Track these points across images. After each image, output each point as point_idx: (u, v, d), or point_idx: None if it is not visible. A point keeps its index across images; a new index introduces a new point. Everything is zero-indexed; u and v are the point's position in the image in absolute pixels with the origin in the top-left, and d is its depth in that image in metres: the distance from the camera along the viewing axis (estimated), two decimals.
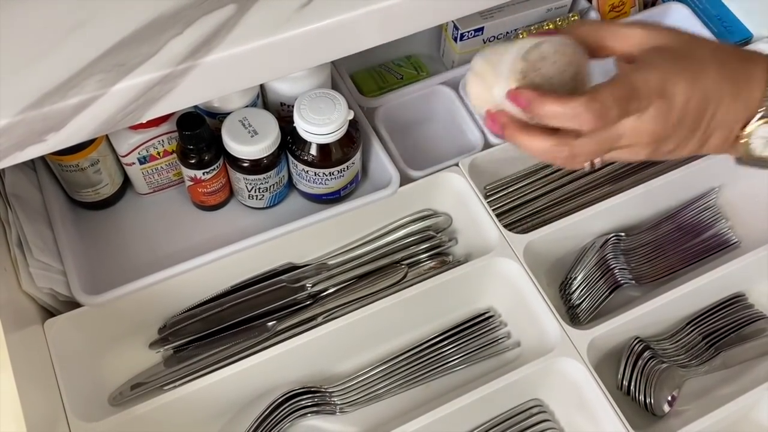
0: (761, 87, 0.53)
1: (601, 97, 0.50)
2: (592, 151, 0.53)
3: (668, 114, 0.52)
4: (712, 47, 0.54)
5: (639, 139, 0.53)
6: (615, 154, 0.55)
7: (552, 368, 0.68)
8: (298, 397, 0.69)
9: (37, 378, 0.60)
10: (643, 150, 0.54)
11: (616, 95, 0.50)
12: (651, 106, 0.51)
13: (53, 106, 0.48)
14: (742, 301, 0.79)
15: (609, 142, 0.53)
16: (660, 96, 0.51)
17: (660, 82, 0.51)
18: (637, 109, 0.51)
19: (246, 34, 0.52)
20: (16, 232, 0.65)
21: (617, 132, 0.52)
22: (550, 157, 0.54)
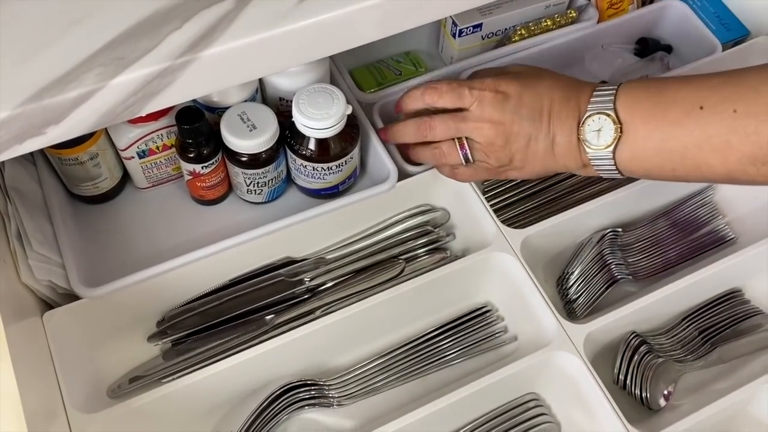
0: (587, 95, 0.65)
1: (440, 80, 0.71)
2: (445, 127, 0.68)
3: (503, 104, 0.65)
4: (548, 71, 0.69)
5: (482, 124, 0.66)
6: (472, 143, 0.68)
7: (548, 362, 0.69)
8: (295, 390, 0.69)
9: (36, 370, 0.60)
10: (493, 137, 0.66)
11: (450, 80, 0.71)
12: (487, 97, 0.66)
13: (52, 99, 0.48)
14: (739, 296, 0.79)
15: (456, 120, 0.68)
16: (494, 90, 0.66)
17: (493, 82, 0.67)
18: (470, 95, 0.67)
19: (245, 28, 0.52)
20: (15, 225, 0.65)
21: (463, 117, 0.67)
22: (415, 133, 0.71)
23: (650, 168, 0.64)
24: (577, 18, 0.90)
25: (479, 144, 0.67)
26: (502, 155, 0.67)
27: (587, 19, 0.90)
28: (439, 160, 0.71)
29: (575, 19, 0.90)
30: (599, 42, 0.92)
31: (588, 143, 0.64)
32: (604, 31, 0.91)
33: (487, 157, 0.68)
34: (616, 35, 0.92)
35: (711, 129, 0.59)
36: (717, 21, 0.92)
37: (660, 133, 0.61)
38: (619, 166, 0.64)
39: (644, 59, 0.90)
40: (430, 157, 0.72)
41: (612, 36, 0.92)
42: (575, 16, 0.89)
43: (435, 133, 0.69)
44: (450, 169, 0.72)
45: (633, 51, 0.93)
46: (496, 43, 0.90)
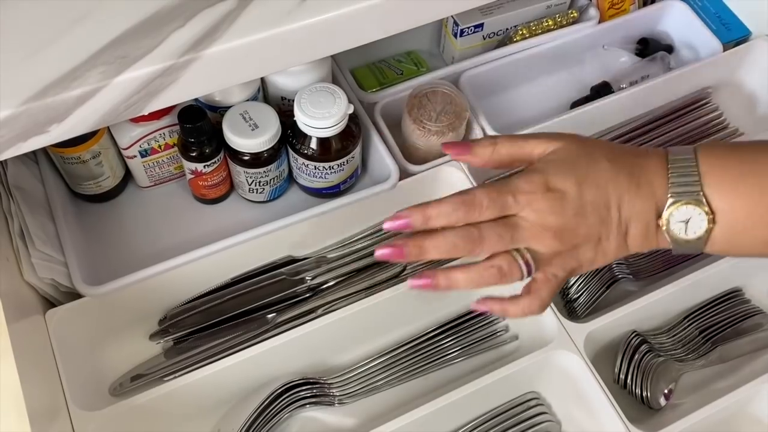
0: (661, 175, 0.54)
1: (472, 189, 0.55)
2: (497, 238, 0.53)
3: (563, 205, 0.53)
4: (603, 147, 0.57)
5: (543, 233, 0.53)
6: (533, 254, 0.55)
7: (549, 361, 0.69)
8: (297, 389, 0.69)
9: (39, 367, 0.60)
10: (558, 245, 0.54)
11: (487, 189, 0.54)
12: (539, 201, 0.53)
13: (56, 97, 0.48)
14: (739, 296, 0.79)
15: (509, 229, 0.53)
16: (545, 189, 0.54)
17: (542, 179, 0.54)
18: (516, 203, 0.53)
19: (247, 27, 0.52)
20: (18, 223, 0.65)
21: (515, 225, 0.54)
22: (460, 249, 0.54)
23: (746, 250, 0.56)
24: (578, 18, 0.90)
25: (541, 254, 0.54)
26: (569, 262, 0.55)
27: (588, 19, 0.90)
28: (494, 280, 0.55)
29: (576, 19, 0.90)
30: (600, 42, 0.92)
31: (674, 235, 0.54)
32: (605, 31, 0.91)
33: (550, 268, 0.55)
34: (617, 35, 0.92)
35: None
36: (718, 21, 0.92)
37: (760, 212, 0.53)
38: (708, 251, 0.56)
39: (645, 59, 0.91)
40: (477, 280, 0.55)
41: (613, 36, 0.92)
42: (576, 16, 0.90)
43: (484, 246, 0.54)
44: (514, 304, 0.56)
45: (634, 51, 0.93)
46: (497, 42, 0.90)
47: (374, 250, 0.54)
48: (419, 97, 0.79)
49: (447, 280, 0.55)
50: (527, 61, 0.88)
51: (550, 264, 0.55)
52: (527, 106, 0.91)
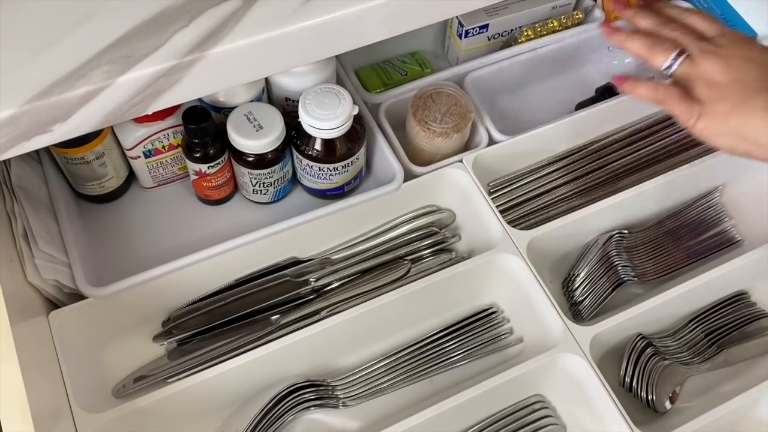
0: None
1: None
2: (686, 32, 0.60)
3: (750, 48, 0.59)
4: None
5: (723, 52, 0.59)
6: (693, 66, 0.59)
7: (554, 364, 0.68)
8: (301, 391, 0.69)
9: (42, 369, 0.60)
10: (725, 70, 0.58)
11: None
12: (739, 39, 0.60)
13: (60, 97, 0.48)
14: (745, 299, 0.79)
15: (699, 37, 0.60)
16: (747, 44, 0.59)
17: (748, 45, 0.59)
18: (720, 29, 0.61)
19: (252, 27, 0.52)
20: (22, 224, 0.65)
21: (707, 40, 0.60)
22: (654, 22, 0.62)
23: None
24: (583, 19, 0.90)
25: (700, 70, 0.59)
26: (714, 91, 0.58)
27: (593, 20, 0.90)
28: (649, 50, 0.61)
29: (581, 20, 0.90)
30: (605, 44, 0.91)
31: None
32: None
33: (695, 85, 0.59)
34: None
35: None
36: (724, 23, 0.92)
37: None
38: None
39: None
40: (639, 43, 0.62)
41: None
42: (582, 17, 0.89)
43: (673, 31, 0.61)
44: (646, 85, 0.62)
45: None
46: (502, 43, 0.90)
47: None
48: (424, 98, 0.79)
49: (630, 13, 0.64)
50: (532, 63, 0.88)
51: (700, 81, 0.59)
52: (532, 107, 0.90)
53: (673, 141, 0.86)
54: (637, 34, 0.62)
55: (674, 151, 0.86)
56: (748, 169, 0.84)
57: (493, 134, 0.80)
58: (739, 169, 0.84)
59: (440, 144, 0.77)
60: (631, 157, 0.84)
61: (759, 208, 0.84)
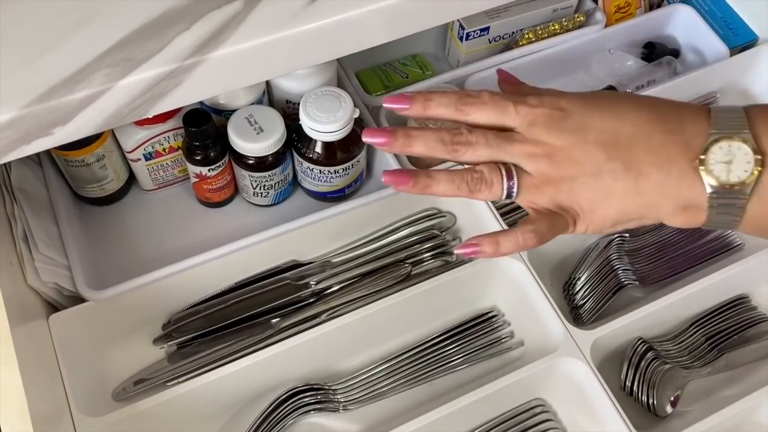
0: (700, 120, 0.48)
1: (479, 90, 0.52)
2: (485, 144, 0.50)
3: (563, 123, 0.49)
4: (627, 94, 0.53)
5: (534, 148, 0.50)
6: (521, 175, 0.50)
7: (555, 368, 0.68)
8: (301, 395, 0.69)
9: (42, 372, 0.60)
10: (549, 166, 0.49)
11: (493, 92, 0.52)
12: (541, 114, 0.50)
13: (60, 100, 0.48)
14: (746, 303, 0.79)
15: (501, 139, 0.50)
16: (552, 107, 0.50)
17: (551, 98, 0.51)
18: (516, 112, 0.50)
19: (253, 30, 0.52)
20: (21, 227, 0.65)
21: (509, 136, 0.50)
22: (442, 146, 0.51)
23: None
24: (584, 22, 0.90)
25: (530, 177, 0.50)
26: (561, 195, 0.50)
27: (595, 23, 0.90)
28: (473, 189, 0.51)
29: (583, 23, 0.89)
30: (606, 46, 0.91)
31: (713, 177, 0.46)
32: (612, 35, 0.90)
33: (538, 196, 0.50)
34: (624, 39, 0.92)
35: None
36: (725, 26, 0.92)
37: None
38: (749, 213, 0.47)
39: (651, 64, 0.90)
40: (456, 186, 0.51)
41: (619, 40, 0.92)
42: (583, 20, 0.89)
43: (472, 151, 0.50)
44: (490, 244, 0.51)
45: (640, 55, 0.93)
46: (503, 46, 0.90)
47: (363, 134, 0.52)
48: None
49: (427, 178, 0.52)
50: (533, 65, 0.87)
51: (539, 190, 0.50)
52: None
53: None
54: (436, 177, 0.52)
55: None
56: None
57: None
58: None
59: None
60: None
61: None
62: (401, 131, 0.52)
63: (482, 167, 0.51)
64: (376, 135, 0.52)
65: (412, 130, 0.52)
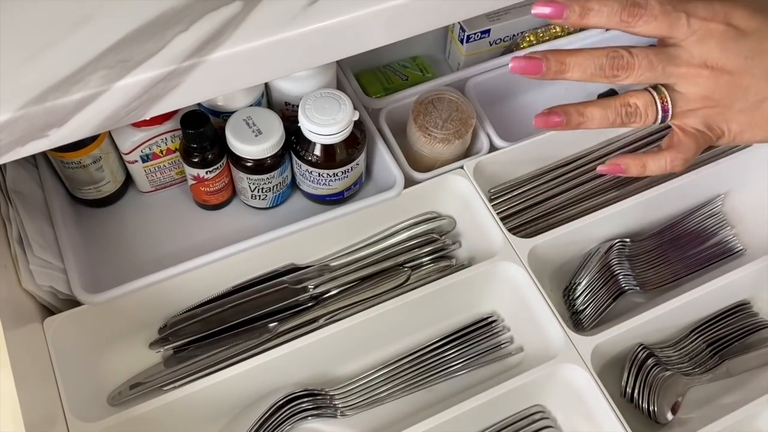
0: None
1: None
2: (648, 66, 0.49)
3: (736, 44, 0.47)
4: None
5: (701, 70, 0.48)
6: (677, 96, 0.49)
7: (555, 374, 0.68)
8: (299, 400, 0.68)
9: (36, 376, 0.59)
10: (713, 89, 0.48)
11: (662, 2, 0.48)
12: (714, 31, 0.48)
13: (56, 102, 0.48)
14: (747, 309, 0.78)
15: (664, 59, 0.49)
16: (725, 22, 0.48)
17: (724, 10, 0.48)
18: (688, 25, 0.48)
19: (252, 32, 0.52)
20: (16, 229, 0.64)
21: (674, 55, 0.48)
22: (600, 69, 0.50)
23: None
24: None
25: (686, 100, 0.49)
26: (716, 119, 0.49)
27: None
28: (627, 122, 0.51)
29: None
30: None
31: None
32: (613, 38, 0.90)
33: (691, 118, 0.50)
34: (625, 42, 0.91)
35: None
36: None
37: None
38: None
39: None
40: (611, 118, 0.51)
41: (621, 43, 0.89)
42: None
43: (634, 76, 0.49)
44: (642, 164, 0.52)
45: None
46: (504, 49, 0.89)
47: (510, 62, 0.50)
48: (425, 104, 0.78)
49: (580, 115, 0.51)
50: None
51: (694, 113, 0.49)
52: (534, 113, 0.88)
53: None
54: (589, 106, 0.52)
55: None
56: (750, 179, 0.84)
57: (494, 140, 0.80)
58: (741, 178, 0.83)
59: (441, 150, 0.77)
60: None
61: (761, 218, 0.83)
62: (554, 56, 0.50)
63: (636, 100, 0.50)
64: (530, 65, 0.50)
65: (568, 56, 0.50)
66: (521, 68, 0.50)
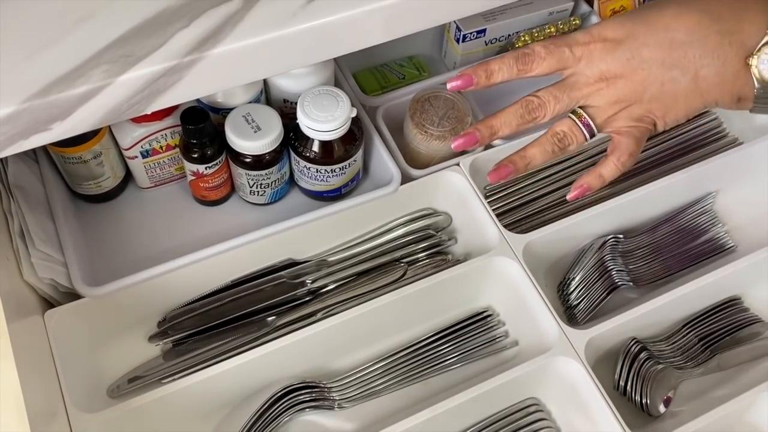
0: (758, 20, 0.53)
1: (530, 44, 0.58)
2: (555, 101, 0.56)
3: (616, 51, 0.55)
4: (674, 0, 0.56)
5: (599, 84, 0.56)
6: (594, 111, 0.57)
7: (549, 367, 0.69)
8: (296, 392, 0.69)
9: (38, 368, 0.60)
10: (616, 94, 0.55)
11: (544, 42, 0.57)
12: (595, 49, 0.55)
13: (59, 95, 0.48)
14: (738, 304, 0.79)
15: (564, 89, 0.56)
16: (601, 40, 0.56)
17: (597, 30, 0.56)
18: (573, 54, 0.56)
19: (252, 28, 0.52)
20: (18, 223, 0.65)
21: (571, 84, 0.56)
22: (521, 118, 0.58)
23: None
24: (580, 25, 0.90)
25: (601, 110, 0.57)
26: (635, 111, 0.56)
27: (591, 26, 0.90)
28: (563, 147, 0.58)
29: (578, 26, 0.90)
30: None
31: (758, 74, 0.53)
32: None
33: (615, 122, 0.57)
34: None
35: None
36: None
37: None
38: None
39: None
40: (549, 150, 0.58)
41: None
42: (579, 23, 0.90)
43: (549, 112, 0.57)
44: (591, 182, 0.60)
45: None
46: (499, 48, 0.90)
47: (452, 142, 0.59)
48: (422, 102, 0.79)
49: (524, 159, 0.59)
50: None
51: (615, 117, 0.56)
52: None
53: (667, 147, 0.87)
54: (528, 149, 0.59)
55: (669, 157, 0.86)
56: (740, 177, 0.85)
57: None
58: (732, 176, 0.84)
59: (437, 147, 0.78)
60: None
61: (751, 215, 0.84)
62: (483, 125, 0.59)
63: (561, 127, 0.58)
64: (467, 137, 0.59)
65: (493, 119, 0.58)
66: (462, 144, 0.59)
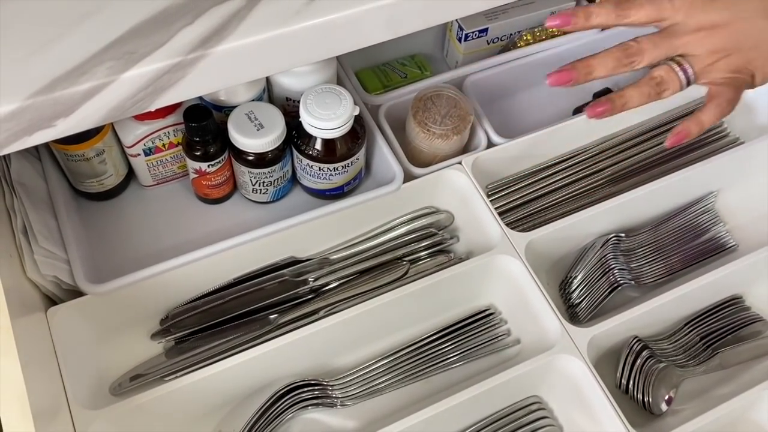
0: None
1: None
2: (653, 47, 0.58)
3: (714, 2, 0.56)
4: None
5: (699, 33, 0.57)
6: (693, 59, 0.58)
7: (551, 366, 0.69)
8: (299, 390, 0.69)
9: (41, 364, 0.60)
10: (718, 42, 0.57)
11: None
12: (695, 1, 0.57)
13: (64, 92, 0.48)
14: (740, 303, 0.79)
15: (665, 37, 0.58)
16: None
17: None
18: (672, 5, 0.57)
19: (256, 26, 0.53)
20: (21, 220, 0.65)
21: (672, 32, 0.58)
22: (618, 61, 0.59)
23: None
24: None
25: (701, 59, 0.58)
26: (734, 61, 0.57)
27: None
28: (660, 92, 0.59)
29: None
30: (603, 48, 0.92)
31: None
32: (609, 38, 0.91)
33: (713, 72, 0.58)
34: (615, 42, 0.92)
35: None
36: None
37: None
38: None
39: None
40: (646, 93, 0.59)
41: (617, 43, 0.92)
42: None
43: (647, 58, 0.58)
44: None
45: None
46: (501, 48, 0.90)
47: (546, 76, 0.60)
48: (424, 100, 0.79)
49: (621, 99, 0.59)
50: (531, 67, 0.88)
51: (713, 67, 0.58)
52: (530, 111, 0.91)
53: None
54: (626, 90, 0.60)
55: (670, 156, 0.86)
56: (742, 177, 0.85)
57: (491, 137, 0.81)
58: (733, 175, 0.84)
59: (439, 146, 0.78)
60: (628, 161, 0.85)
61: (753, 214, 0.85)
62: (580, 63, 0.59)
63: (659, 72, 0.59)
64: (562, 74, 0.60)
65: (591, 59, 0.59)
66: (557, 80, 0.60)
